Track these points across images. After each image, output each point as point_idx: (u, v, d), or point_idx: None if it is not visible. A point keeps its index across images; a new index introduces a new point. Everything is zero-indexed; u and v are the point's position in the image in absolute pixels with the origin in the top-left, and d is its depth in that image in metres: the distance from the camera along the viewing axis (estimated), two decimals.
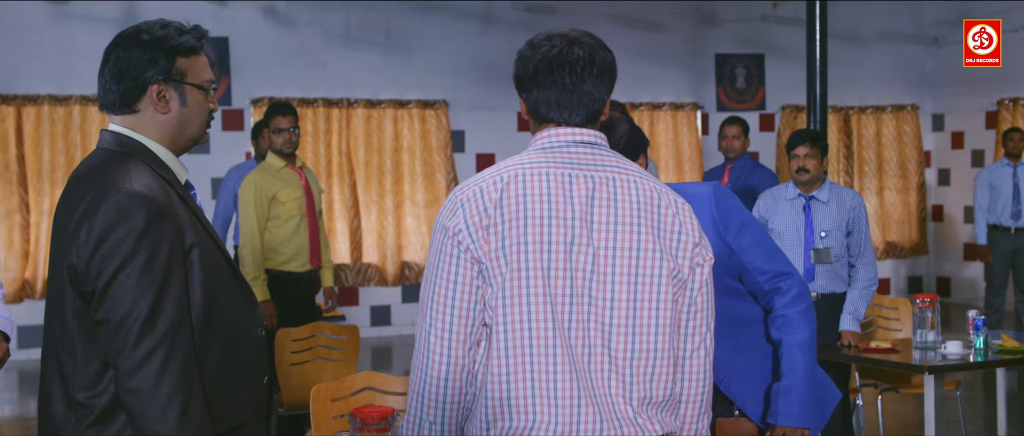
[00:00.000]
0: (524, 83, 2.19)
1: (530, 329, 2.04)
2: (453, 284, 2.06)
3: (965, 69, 11.20)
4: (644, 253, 2.10)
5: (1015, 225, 8.57)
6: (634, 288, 2.09)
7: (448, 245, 2.07)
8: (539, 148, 2.16)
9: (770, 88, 10.94)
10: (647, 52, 10.43)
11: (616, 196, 2.10)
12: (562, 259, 2.05)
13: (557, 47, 2.15)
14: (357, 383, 3.61)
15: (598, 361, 2.06)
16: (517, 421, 2.04)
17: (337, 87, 9.58)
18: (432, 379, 2.08)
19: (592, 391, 2.05)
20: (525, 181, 2.08)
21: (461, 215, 2.07)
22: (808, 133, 5.23)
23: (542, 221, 2.05)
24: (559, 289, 2.05)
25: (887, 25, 11.40)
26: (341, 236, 9.64)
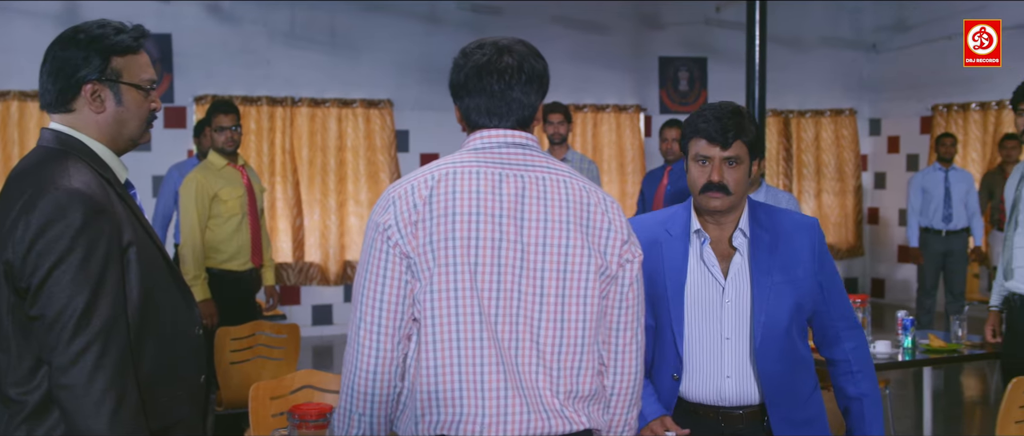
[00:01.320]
0: (457, 90, 2.24)
1: (457, 323, 2.09)
2: (382, 279, 2.11)
3: (901, 75, 11.47)
4: (573, 250, 2.15)
5: (946, 228, 8.78)
6: (562, 284, 2.14)
7: (378, 241, 2.12)
8: (471, 149, 2.21)
9: (712, 91, 11.08)
10: (591, 54, 10.52)
11: (546, 195, 2.16)
12: (490, 255, 2.10)
13: (487, 55, 2.20)
14: (296, 381, 3.63)
15: (526, 355, 2.12)
16: (445, 414, 2.09)
17: (281, 85, 9.55)
18: (362, 373, 2.12)
19: (519, 383, 2.10)
20: (455, 179, 2.13)
21: (392, 212, 2.12)
22: None
23: (470, 218, 2.10)
24: (486, 284, 2.10)
25: (827, 30, 11.60)
26: (283, 235, 9.61)
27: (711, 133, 2.69)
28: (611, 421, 2.29)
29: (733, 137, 2.69)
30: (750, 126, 2.75)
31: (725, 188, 2.71)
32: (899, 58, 11.57)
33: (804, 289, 2.77)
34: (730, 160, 2.71)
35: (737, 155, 2.71)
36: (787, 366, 2.76)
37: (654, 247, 2.80)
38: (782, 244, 2.77)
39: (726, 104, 2.79)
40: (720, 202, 2.72)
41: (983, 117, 10.50)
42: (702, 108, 2.80)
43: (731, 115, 2.72)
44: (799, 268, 2.76)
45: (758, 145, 2.78)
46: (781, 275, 2.74)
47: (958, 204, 8.89)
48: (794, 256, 2.76)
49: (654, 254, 2.79)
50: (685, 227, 2.82)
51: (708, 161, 2.72)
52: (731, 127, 2.69)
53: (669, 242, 2.81)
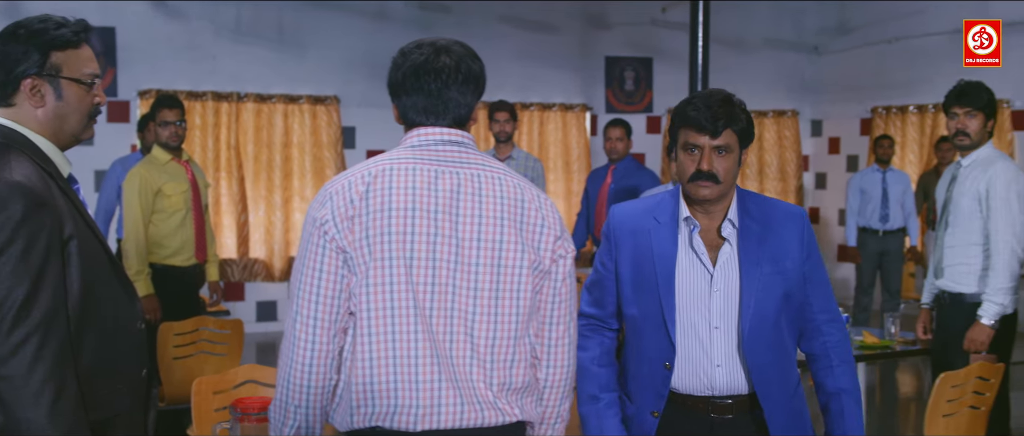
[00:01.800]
0: (395, 89, 2.29)
1: (392, 316, 2.14)
2: (319, 273, 2.15)
3: (842, 77, 11.66)
4: (507, 245, 2.21)
5: (883, 228, 8.96)
6: (496, 278, 2.20)
7: (315, 235, 2.16)
8: (408, 146, 2.26)
9: (657, 91, 11.19)
10: (538, 53, 10.58)
11: (481, 192, 2.21)
12: (425, 250, 2.15)
13: (425, 55, 2.25)
14: (239, 376, 3.64)
15: (460, 347, 2.17)
16: (380, 406, 2.13)
17: (227, 81, 9.50)
18: (298, 365, 2.16)
19: (453, 376, 2.15)
20: (392, 176, 2.18)
21: (329, 207, 2.16)
22: None
23: (406, 213, 2.15)
24: (421, 278, 2.14)
25: (771, 32, 11.76)
26: (227, 231, 9.56)
27: (701, 121, 2.65)
28: (544, 413, 2.35)
29: (723, 126, 2.65)
30: (741, 114, 2.70)
31: (714, 177, 2.66)
32: (840, 60, 11.77)
33: (792, 280, 2.74)
34: (720, 149, 2.66)
35: (727, 144, 2.67)
36: (775, 357, 2.74)
37: (642, 235, 2.77)
38: (771, 235, 2.74)
39: (716, 92, 2.74)
40: (709, 191, 2.68)
41: (921, 120, 10.71)
42: (692, 96, 2.75)
43: (721, 103, 2.67)
44: (787, 259, 2.74)
45: (748, 133, 2.73)
46: (770, 266, 2.72)
47: (895, 204, 9.08)
48: (783, 247, 2.74)
49: (642, 242, 2.77)
50: (673, 215, 2.78)
51: (697, 149, 2.68)
52: (721, 116, 2.64)
53: (657, 230, 2.77)
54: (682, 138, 2.72)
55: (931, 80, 9.87)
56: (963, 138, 4.55)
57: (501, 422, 2.21)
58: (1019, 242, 4.40)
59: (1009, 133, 9.89)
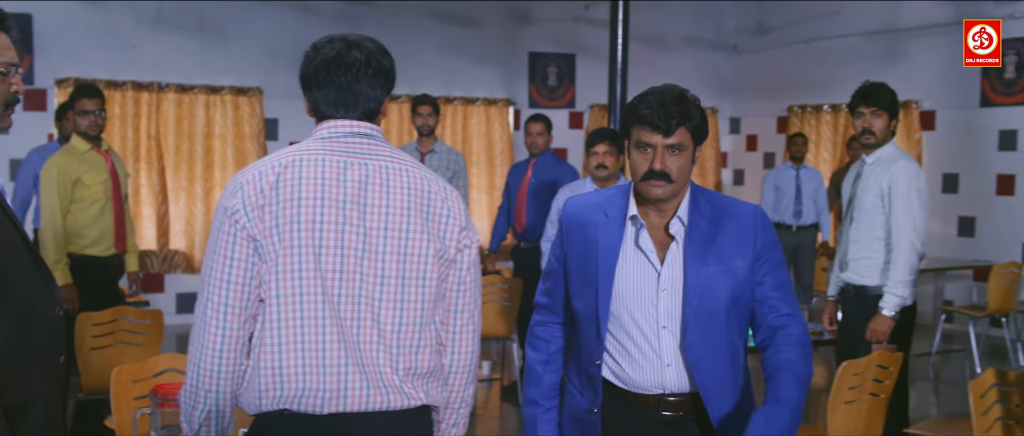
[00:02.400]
0: (307, 82, 2.34)
1: (301, 302, 2.19)
2: (230, 261, 2.20)
3: (760, 76, 11.92)
4: (413, 234, 2.28)
5: (796, 223, 9.21)
6: (403, 266, 2.26)
7: (226, 224, 2.20)
8: (318, 138, 2.32)
9: (580, 87, 11.33)
10: (463, 48, 10.66)
11: (388, 182, 2.28)
12: (334, 238, 2.21)
13: (337, 50, 2.31)
14: (159, 365, 3.66)
15: (367, 333, 2.23)
16: (288, 389, 2.19)
17: (147, 70, 9.41)
18: (208, 351, 2.21)
19: (360, 360, 2.22)
20: (302, 166, 2.23)
21: (239, 196, 2.21)
22: (607, 132, 5.54)
23: (315, 202, 2.21)
24: (330, 266, 2.20)
25: (691, 31, 11.97)
26: (147, 222, 9.48)
27: (653, 120, 2.58)
28: (449, 397, 2.42)
29: (676, 124, 2.58)
30: (694, 111, 2.63)
31: (667, 176, 2.60)
32: (758, 60, 12.03)
33: (741, 279, 2.68)
34: (673, 147, 2.60)
35: (680, 142, 2.60)
36: (720, 356, 2.68)
37: (590, 229, 2.73)
38: (721, 233, 2.68)
39: (669, 88, 2.65)
40: (662, 190, 2.62)
41: (834, 118, 11.01)
42: (645, 93, 2.66)
43: (675, 101, 2.59)
44: (738, 258, 2.67)
45: (702, 130, 2.67)
46: (717, 264, 2.65)
47: (808, 201, 9.33)
48: (733, 245, 2.68)
49: (589, 236, 2.73)
50: (623, 211, 2.72)
51: (650, 148, 2.61)
52: (675, 114, 2.57)
53: (605, 225, 2.72)
54: (635, 136, 2.66)
55: (845, 80, 10.12)
56: (868, 137, 4.72)
57: (406, 406, 2.27)
58: (919, 237, 4.59)
59: (917, 132, 10.22)
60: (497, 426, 6.64)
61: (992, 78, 9.59)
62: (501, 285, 6.74)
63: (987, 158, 9.72)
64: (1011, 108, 9.49)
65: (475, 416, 6.79)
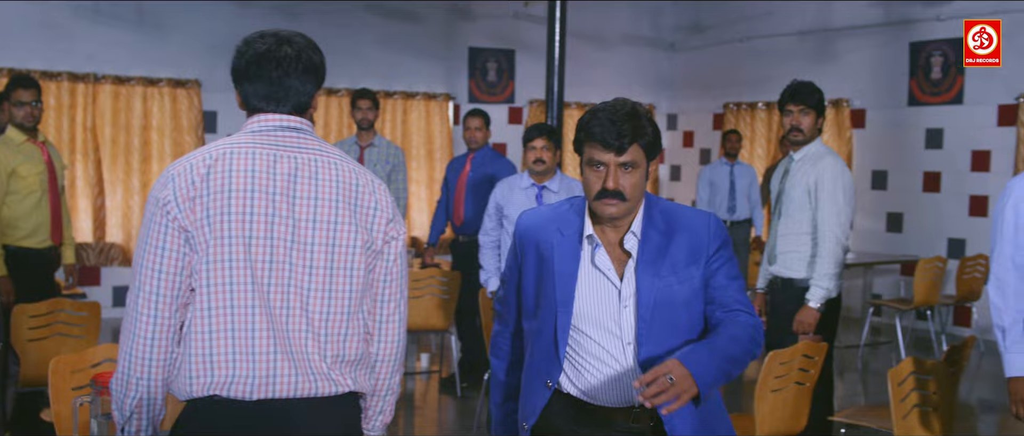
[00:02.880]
0: (238, 76, 2.39)
1: (231, 291, 2.25)
2: (161, 251, 2.25)
3: (697, 74, 12.11)
4: (341, 226, 2.35)
5: (730, 218, 9.39)
6: (331, 257, 2.33)
7: (158, 215, 2.25)
8: (249, 131, 2.38)
9: (519, 83, 11.43)
10: (403, 42, 10.69)
11: (317, 175, 2.34)
12: (263, 229, 2.27)
13: (268, 45, 2.36)
14: (98, 355, 3.67)
15: (296, 321, 2.29)
16: (218, 376, 2.25)
17: (83, 62, 9.32)
18: (140, 339, 2.25)
19: (289, 348, 2.28)
20: (232, 159, 2.28)
21: (170, 188, 2.25)
22: (545, 127, 5.63)
23: (245, 194, 2.26)
24: (260, 256, 2.26)
25: (629, 29, 12.13)
26: (83, 214, 9.40)
27: (606, 138, 2.52)
28: (376, 384, 2.50)
29: (629, 142, 2.52)
30: (647, 127, 2.56)
31: (620, 195, 2.55)
32: (695, 58, 12.22)
33: (697, 288, 2.64)
34: (626, 165, 2.54)
35: (633, 160, 2.54)
36: None
37: (544, 248, 2.69)
38: (674, 244, 2.63)
39: (621, 104, 2.58)
40: (615, 209, 2.57)
41: (768, 116, 11.22)
42: (596, 109, 2.59)
43: (627, 118, 2.53)
44: (693, 266, 2.63)
45: (655, 146, 2.60)
46: (672, 275, 2.62)
47: (741, 196, 9.52)
48: (687, 254, 2.63)
49: (545, 255, 2.69)
50: (578, 230, 2.68)
51: (602, 166, 2.56)
52: (627, 132, 2.51)
53: (561, 244, 2.67)
54: (587, 154, 2.60)
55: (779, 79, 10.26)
56: (796, 134, 4.87)
57: (334, 392, 2.33)
58: (843, 232, 4.75)
59: (848, 130, 10.46)
60: (436, 418, 6.71)
61: (920, 78, 9.86)
62: (440, 278, 6.80)
63: (914, 156, 9.99)
64: (938, 107, 9.77)
65: (414, 408, 6.86)
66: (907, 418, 3.80)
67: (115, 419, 2.34)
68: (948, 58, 9.63)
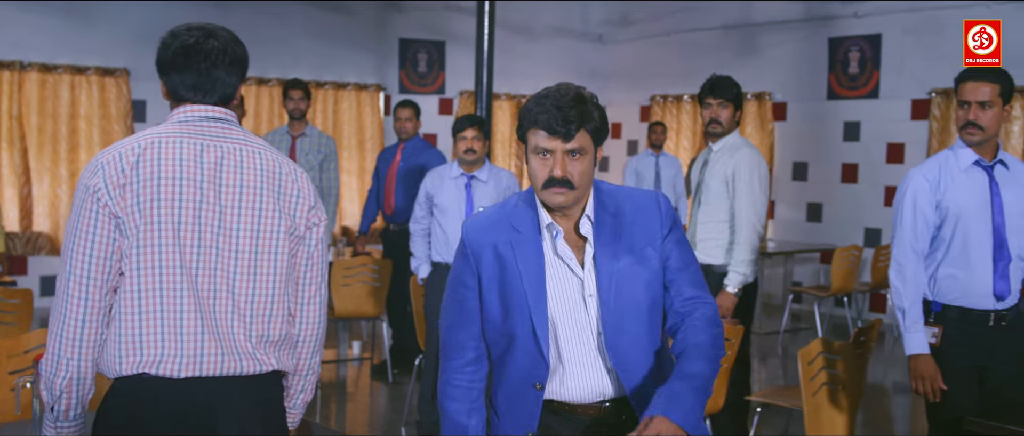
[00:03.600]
0: (164, 67, 2.51)
1: (160, 275, 2.37)
2: (92, 236, 2.35)
3: (624, 66, 12.33)
4: (265, 212, 2.48)
5: None
6: (256, 242, 2.46)
7: (89, 202, 2.35)
8: (176, 121, 2.49)
9: (450, 74, 11.54)
10: (334, 33, 10.73)
11: (242, 164, 2.47)
12: (191, 215, 2.39)
13: (195, 37, 2.48)
14: (33, 341, 3.72)
15: (222, 303, 2.42)
16: (147, 355, 2.36)
17: (8, 49, 9.22)
18: (71, 320, 2.36)
19: (215, 329, 2.41)
20: (161, 148, 2.40)
21: (101, 176, 2.36)
22: (475, 117, 5.76)
23: (174, 182, 2.38)
24: (188, 241, 2.38)
25: (558, 21, 12.30)
26: (9, 203, 9.31)
27: (552, 125, 2.44)
28: (298, 364, 2.63)
29: (576, 128, 2.44)
30: (594, 112, 2.48)
31: (568, 183, 2.48)
32: (623, 51, 12.43)
33: (656, 269, 2.58)
34: (573, 152, 2.46)
35: (581, 146, 2.46)
36: (647, 353, 2.57)
37: (503, 247, 2.59)
38: (627, 224, 2.58)
39: (566, 89, 2.49)
40: (564, 197, 2.49)
41: (693, 108, 11.48)
42: (541, 95, 2.49)
43: (573, 103, 2.44)
44: (648, 247, 2.57)
45: (602, 131, 2.52)
46: (629, 256, 2.55)
47: (667, 186, 9.75)
48: (642, 234, 2.57)
49: (504, 254, 2.58)
50: (534, 223, 2.59)
51: (549, 154, 2.47)
52: (574, 118, 2.43)
53: (520, 242, 2.57)
54: (532, 142, 2.50)
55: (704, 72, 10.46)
56: (715, 126, 5.07)
57: (258, 371, 2.46)
58: (759, 220, 4.96)
59: (770, 123, 10.76)
60: (367, 403, 6.82)
61: (838, 73, 10.18)
62: (371, 266, 6.91)
63: (833, 148, 10.31)
64: (855, 101, 10.10)
65: (346, 394, 6.96)
66: (816, 395, 4.01)
67: (44, 399, 2.43)
68: (865, 53, 9.95)
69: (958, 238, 3.69)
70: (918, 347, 3.74)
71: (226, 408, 2.42)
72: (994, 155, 3.73)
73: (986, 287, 3.67)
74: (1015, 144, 8.93)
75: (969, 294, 3.68)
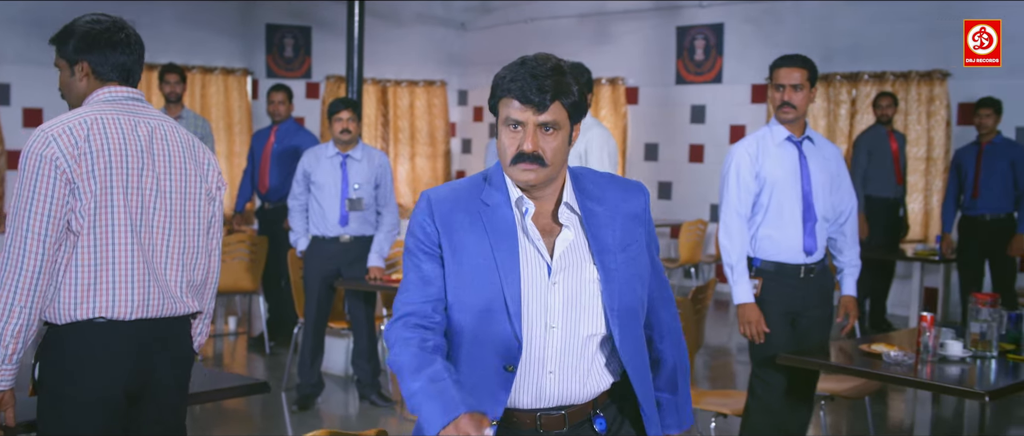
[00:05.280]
0: (89, 48, 2.91)
1: (113, 232, 2.81)
2: (49, 199, 2.74)
3: (485, 52, 12.80)
4: (189, 178, 2.98)
5: None
6: (183, 203, 2.95)
7: (46, 168, 2.73)
8: (103, 100, 2.91)
9: (316, 58, 11.81)
10: (201, 18, 10.88)
11: (167, 137, 2.94)
12: (135, 181, 2.85)
13: (119, 27, 2.96)
14: None
15: (160, 256, 2.91)
16: (101, 301, 2.81)
17: None
18: (27, 273, 2.73)
19: (157, 278, 2.88)
20: (105, 124, 2.84)
21: (55, 146, 2.74)
22: (349, 101, 6.15)
23: (120, 153, 2.83)
24: (133, 203, 2.84)
25: (422, 8, 12.67)
26: None
27: (525, 93, 2.23)
28: (205, 306, 3.12)
29: (551, 98, 2.23)
30: (572, 86, 2.28)
31: (539, 159, 2.26)
32: (484, 37, 12.90)
33: (643, 263, 2.41)
34: (546, 126, 2.25)
35: (555, 120, 2.25)
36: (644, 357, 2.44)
37: (474, 216, 2.35)
38: (618, 216, 2.39)
39: (544, 58, 2.29)
40: (534, 175, 2.28)
41: None
42: (517, 62, 2.29)
43: (550, 73, 2.24)
44: (635, 242, 2.40)
45: (580, 107, 2.32)
46: (623, 252, 2.37)
47: None
48: (631, 228, 2.40)
49: (476, 223, 2.34)
50: (505, 198, 2.35)
51: (520, 126, 2.26)
52: (549, 87, 2.22)
53: (489, 211, 2.34)
54: (503, 112, 2.29)
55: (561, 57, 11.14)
56: None
57: (186, 312, 2.98)
58: None
59: (624, 106, 11.41)
60: (246, 373, 7.13)
61: (685, 59, 10.89)
62: (248, 243, 7.23)
63: (681, 130, 11.03)
64: (701, 86, 10.83)
65: (223, 367, 7.27)
66: None
67: None
68: (709, 41, 10.68)
69: (774, 203, 4.30)
70: (744, 297, 4.34)
71: (161, 343, 2.91)
72: (802, 132, 4.35)
73: (797, 244, 4.29)
74: (842, 126, 9.78)
75: (783, 251, 4.30)
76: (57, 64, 2.98)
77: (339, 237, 6.04)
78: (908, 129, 9.26)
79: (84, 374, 2.80)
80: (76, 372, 2.80)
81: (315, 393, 6.18)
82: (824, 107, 9.83)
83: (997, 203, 7.56)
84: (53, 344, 2.83)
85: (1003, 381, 3.87)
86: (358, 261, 6.02)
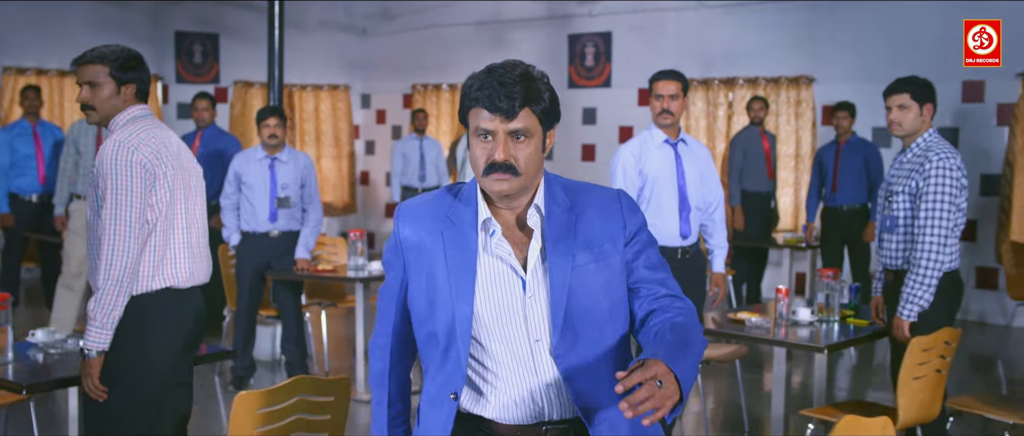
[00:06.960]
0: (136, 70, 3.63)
1: (186, 218, 3.57)
2: (141, 195, 3.44)
3: (387, 57, 13.38)
4: (199, 177, 3.73)
5: (421, 186, 10.82)
6: (198, 193, 3.69)
7: (137, 170, 3.42)
8: (141, 116, 3.59)
9: (224, 64, 12.22)
10: (110, 26, 11.18)
11: (181, 143, 3.67)
12: (184, 180, 3.58)
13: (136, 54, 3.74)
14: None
15: (198, 235, 3.65)
16: (179, 274, 3.57)
17: None
18: (129, 255, 3.45)
19: (202, 252, 3.64)
20: (159, 136, 3.55)
21: (143, 154, 3.44)
22: (276, 108, 6.75)
23: (176, 159, 3.56)
24: (187, 196, 3.59)
25: (325, 15, 13.15)
26: None
27: (493, 101, 2.19)
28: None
29: (519, 105, 2.19)
30: (543, 91, 2.25)
31: (511, 168, 2.22)
32: (386, 43, 13.44)
33: (617, 270, 2.32)
34: (517, 133, 2.22)
35: (525, 127, 2.21)
36: (605, 366, 2.30)
37: (435, 238, 2.32)
38: (583, 220, 2.32)
39: (512, 65, 2.24)
40: (508, 185, 2.23)
41: (452, 96, 12.70)
42: (483, 71, 2.25)
43: (519, 79, 2.20)
44: (607, 242, 2.32)
45: (552, 113, 2.29)
46: (586, 254, 2.29)
47: (431, 166, 10.96)
48: (601, 232, 2.32)
49: (436, 246, 2.31)
50: (472, 218, 2.31)
51: (491, 135, 2.22)
52: (517, 94, 2.19)
53: (452, 232, 2.31)
54: (473, 122, 2.25)
55: (460, 63, 11.81)
56: None
57: (208, 279, 3.78)
58: None
59: None
60: None
61: (577, 65, 11.66)
62: None
63: (574, 131, 11.78)
64: (592, 90, 11.61)
65: None
66: None
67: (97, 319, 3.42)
68: (599, 48, 11.47)
69: (655, 196, 5.06)
70: None
71: (201, 305, 3.73)
72: (677, 135, 5.12)
73: (675, 230, 5.06)
74: (720, 127, 10.67)
75: (663, 236, 5.05)
76: (96, 81, 3.50)
77: (269, 232, 6.63)
78: (778, 129, 10.19)
79: (157, 330, 3.52)
80: (151, 330, 3.51)
81: (248, 374, 6.76)
82: (704, 109, 10.70)
83: (853, 195, 8.49)
84: (136, 310, 3.50)
85: (841, 339, 4.71)
86: (286, 254, 6.63)
